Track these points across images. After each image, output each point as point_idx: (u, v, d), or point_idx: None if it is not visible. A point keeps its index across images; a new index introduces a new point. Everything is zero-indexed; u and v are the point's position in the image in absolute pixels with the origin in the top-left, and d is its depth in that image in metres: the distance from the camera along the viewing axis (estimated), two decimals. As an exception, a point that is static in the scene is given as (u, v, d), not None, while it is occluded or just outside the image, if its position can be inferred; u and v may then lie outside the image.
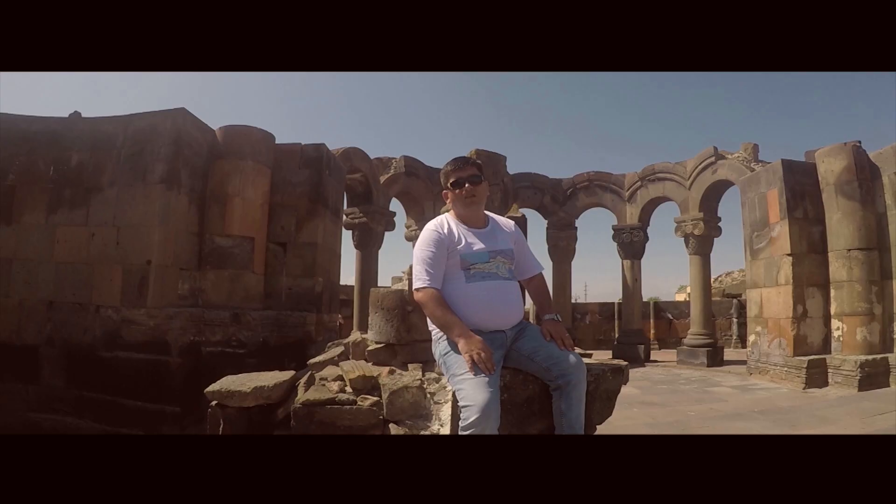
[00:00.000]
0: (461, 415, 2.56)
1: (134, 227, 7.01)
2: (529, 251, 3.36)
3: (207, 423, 4.12)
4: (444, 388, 3.29)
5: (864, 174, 9.83)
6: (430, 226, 3.10)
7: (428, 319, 3.10)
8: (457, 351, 2.77)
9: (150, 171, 7.11)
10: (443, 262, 2.98)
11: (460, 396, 2.64)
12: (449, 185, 3.13)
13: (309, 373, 4.27)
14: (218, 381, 4.18)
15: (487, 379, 2.60)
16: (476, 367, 2.62)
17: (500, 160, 6.01)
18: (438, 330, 2.98)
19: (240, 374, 4.34)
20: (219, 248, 7.67)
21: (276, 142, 8.51)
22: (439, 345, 2.99)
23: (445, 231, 3.04)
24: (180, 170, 7.20)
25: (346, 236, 12.93)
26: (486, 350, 2.69)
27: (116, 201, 7.15)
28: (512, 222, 3.36)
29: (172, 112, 7.34)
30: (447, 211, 3.36)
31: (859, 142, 10.17)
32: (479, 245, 3.03)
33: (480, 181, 3.12)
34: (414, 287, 2.99)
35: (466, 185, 3.06)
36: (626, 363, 3.41)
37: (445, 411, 3.03)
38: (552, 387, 2.86)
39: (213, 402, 4.07)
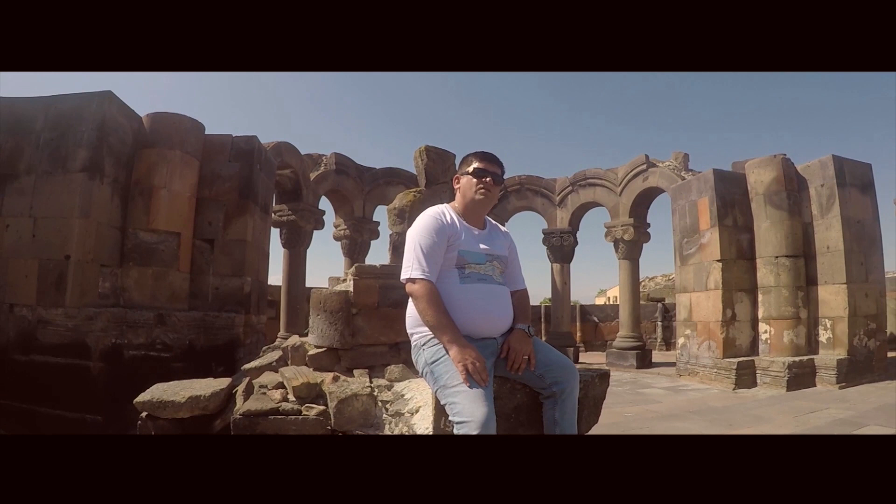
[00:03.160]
0: (455, 432, 2.32)
1: (52, 218, 6.52)
2: (519, 264, 3.08)
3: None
4: (402, 396, 3.10)
5: (792, 185, 10.20)
6: (431, 212, 2.79)
7: (408, 320, 2.80)
8: (448, 359, 2.49)
9: (72, 159, 6.64)
10: (441, 254, 2.68)
11: (454, 411, 2.36)
12: (471, 170, 2.84)
13: (246, 380, 4.02)
14: (148, 391, 3.88)
15: (483, 391, 2.35)
16: (471, 379, 2.36)
17: (450, 158, 5.77)
18: (423, 334, 2.67)
19: (171, 382, 4.06)
20: (143, 244, 7.23)
21: (206, 132, 8.13)
22: (424, 352, 2.65)
23: (448, 220, 2.76)
24: (104, 158, 6.77)
25: (274, 234, 12.55)
26: (480, 360, 2.43)
27: (34, 190, 6.62)
28: (507, 230, 3.13)
29: (98, 95, 6.88)
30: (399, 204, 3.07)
31: (785, 154, 10.48)
32: (479, 244, 2.78)
33: (501, 182, 2.92)
34: (407, 275, 2.65)
35: (488, 178, 2.81)
36: (608, 368, 3.25)
37: (420, 424, 2.76)
38: (544, 395, 2.67)
39: (144, 414, 3.77)
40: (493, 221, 3.08)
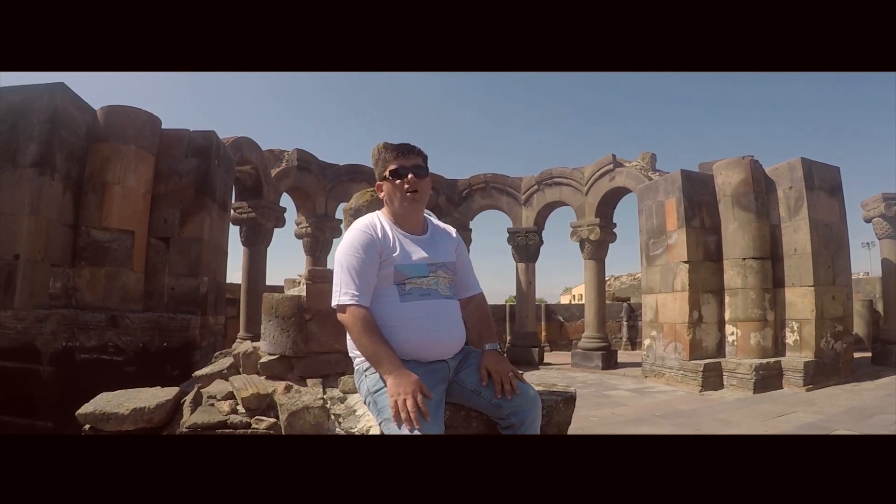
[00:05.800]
0: None
1: (1, 215, 6.24)
2: (471, 266, 2.78)
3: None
4: (354, 412, 2.93)
5: (760, 187, 10.24)
6: (359, 225, 2.49)
7: (349, 343, 2.50)
8: None
9: (22, 153, 6.35)
10: (374, 273, 2.39)
11: None
12: (388, 174, 2.51)
13: (195, 388, 3.86)
14: (91, 401, 3.69)
15: (432, 427, 2.07)
16: (399, 417, 2.08)
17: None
18: (365, 358, 2.39)
19: (116, 392, 3.87)
20: (95, 242, 7.00)
21: (163, 126, 7.91)
22: (367, 378, 2.38)
23: (378, 234, 2.45)
24: (55, 152, 6.52)
25: (233, 232, 12.27)
26: (418, 394, 2.11)
27: (-18, 187, 6.33)
28: (454, 230, 2.81)
29: (50, 87, 6.62)
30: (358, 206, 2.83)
31: (752, 156, 10.52)
32: (418, 255, 2.48)
33: (426, 175, 2.56)
34: (337, 302, 2.37)
35: (410, 175, 2.47)
36: (574, 390, 3.01)
37: None
38: (502, 425, 2.37)
39: (87, 427, 3.57)
40: (435, 221, 2.77)
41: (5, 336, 6.06)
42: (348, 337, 2.48)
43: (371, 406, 2.38)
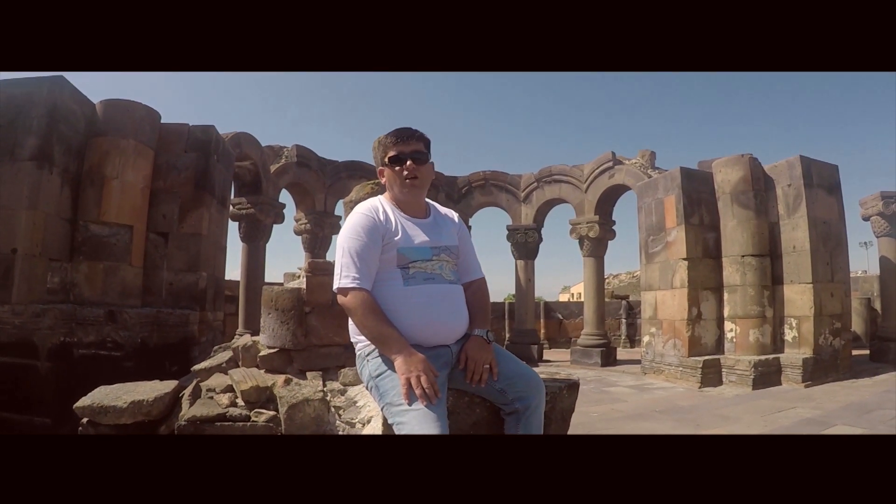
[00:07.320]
0: None
1: (-2, 209, 6.21)
2: (473, 250, 2.74)
3: (78, 441, 3.60)
4: (354, 403, 2.91)
5: (759, 185, 10.28)
6: (361, 209, 2.47)
7: (351, 327, 2.49)
8: (395, 372, 2.20)
9: (20, 146, 6.32)
10: (376, 257, 2.37)
11: (402, 433, 2.08)
12: (387, 160, 2.50)
13: (194, 382, 3.83)
14: (89, 395, 3.66)
15: (435, 410, 2.05)
16: (412, 394, 2.08)
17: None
18: (367, 343, 2.39)
19: (114, 385, 3.83)
20: (94, 237, 6.95)
21: (162, 121, 7.87)
22: (369, 363, 2.37)
23: (381, 217, 2.43)
24: (54, 146, 6.48)
25: (232, 228, 12.24)
26: (429, 371, 2.14)
27: (-20, 180, 6.29)
28: (455, 214, 2.78)
29: (49, 80, 6.55)
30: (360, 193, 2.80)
31: (751, 154, 10.53)
32: (420, 238, 2.45)
33: (426, 160, 2.54)
34: (338, 285, 2.35)
35: (409, 161, 2.46)
36: (577, 377, 3.00)
37: None
38: (506, 411, 2.38)
39: (85, 420, 3.55)
40: (438, 206, 2.75)
41: (3, 331, 6.03)
42: (350, 322, 2.46)
43: (373, 391, 2.37)
